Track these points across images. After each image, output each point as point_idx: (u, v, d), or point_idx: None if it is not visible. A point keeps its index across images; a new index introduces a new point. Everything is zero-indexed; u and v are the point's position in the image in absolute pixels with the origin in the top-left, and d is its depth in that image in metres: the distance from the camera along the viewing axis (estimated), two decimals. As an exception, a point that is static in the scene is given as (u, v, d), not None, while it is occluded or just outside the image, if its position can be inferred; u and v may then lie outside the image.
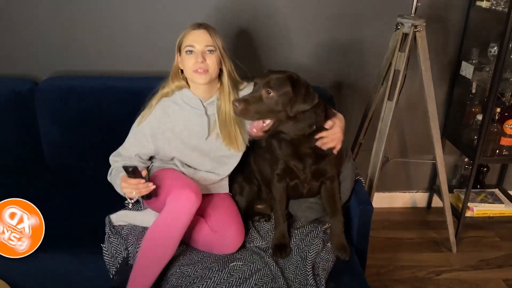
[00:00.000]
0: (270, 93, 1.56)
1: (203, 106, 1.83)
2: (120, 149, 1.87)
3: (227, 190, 1.96)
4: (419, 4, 2.04)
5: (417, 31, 2.03)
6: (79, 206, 2.01)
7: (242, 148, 1.87)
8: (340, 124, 1.74)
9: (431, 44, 2.14)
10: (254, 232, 1.87)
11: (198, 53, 1.73)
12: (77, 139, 2.24)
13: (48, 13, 2.25)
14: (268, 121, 1.60)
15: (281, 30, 2.36)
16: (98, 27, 2.29)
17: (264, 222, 1.95)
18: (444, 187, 2.36)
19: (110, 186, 1.87)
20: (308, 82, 1.65)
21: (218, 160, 1.88)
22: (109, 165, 1.87)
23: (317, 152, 1.70)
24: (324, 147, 1.68)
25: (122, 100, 2.19)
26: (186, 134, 1.83)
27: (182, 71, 1.83)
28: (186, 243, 1.79)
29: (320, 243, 1.79)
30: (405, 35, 2.07)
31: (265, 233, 1.90)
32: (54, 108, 2.19)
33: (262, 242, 1.83)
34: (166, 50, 2.32)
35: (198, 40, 1.74)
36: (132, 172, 1.61)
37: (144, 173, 1.66)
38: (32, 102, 2.19)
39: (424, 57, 2.08)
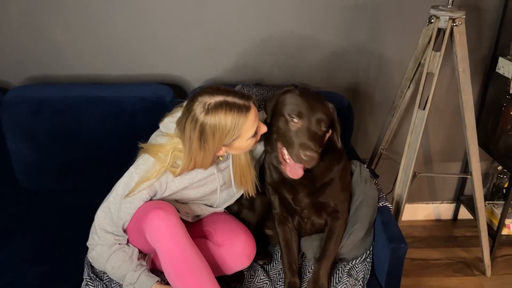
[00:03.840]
0: (323, 127, 1.47)
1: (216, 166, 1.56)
2: (116, 219, 1.47)
3: (222, 209, 1.70)
4: (457, -7, 1.70)
5: (455, 25, 1.69)
6: (56, 240, 1.72)
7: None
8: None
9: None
10: (263, 275, 1.56)
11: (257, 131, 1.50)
12: (53, 158, 1.94)
13: (19, 9, 1.94)
14: None
15: (290, 27, 2.05)
16: (77, 24, 1.98)
17: (264, 267, 1.62)
18: (480, 205, 2.05)
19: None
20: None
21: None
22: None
23: (314, 184, 1.55)
24: None
25: (105, 112, 1.90)
26: (189, 193, 1.56)
27: None
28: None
29: (344, 291, 1.49)
30: (440, 31, 1.73)
31: (275, 274, 1.59)
32: (24, 123, 1.89)
33: (272, 289, 1.53)
34: (158, 49, 2.07)
35: (256, 121, 1.46)
36: None
37: None
38: (-3, 116, 1.90)
39: (463, 56, 1.74)
